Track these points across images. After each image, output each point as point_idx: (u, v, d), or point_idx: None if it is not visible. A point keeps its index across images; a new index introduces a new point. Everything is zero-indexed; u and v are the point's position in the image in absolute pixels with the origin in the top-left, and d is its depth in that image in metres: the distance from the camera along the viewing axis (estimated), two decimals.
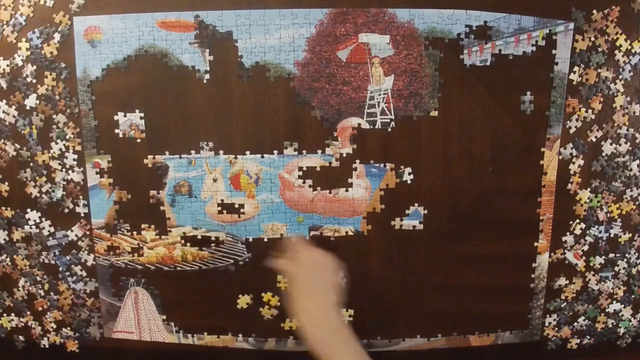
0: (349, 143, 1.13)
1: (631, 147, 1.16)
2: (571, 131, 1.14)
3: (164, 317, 1.21)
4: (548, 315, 1.23)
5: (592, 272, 1.22)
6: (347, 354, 0.91)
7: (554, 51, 1.10)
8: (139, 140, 1.13)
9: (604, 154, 1.16)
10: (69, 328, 1.24)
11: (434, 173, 1.14)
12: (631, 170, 1.17)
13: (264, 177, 1.14)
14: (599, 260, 1.21)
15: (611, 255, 1.22)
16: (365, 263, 1.18)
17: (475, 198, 1.16)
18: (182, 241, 1.17)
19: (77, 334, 1.24)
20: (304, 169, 1.13)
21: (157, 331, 1.22)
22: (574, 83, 1.12)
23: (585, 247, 1.20)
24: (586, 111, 1.14)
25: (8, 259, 1.21)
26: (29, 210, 1.18)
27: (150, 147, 1.13)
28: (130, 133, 1.13)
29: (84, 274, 1.20)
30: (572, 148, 1.15)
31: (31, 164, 1.15)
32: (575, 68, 1.11)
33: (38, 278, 1.22)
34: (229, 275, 1.18)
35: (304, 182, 1.14)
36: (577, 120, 1.14)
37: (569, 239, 1.19)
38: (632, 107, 1.15)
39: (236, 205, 1.15)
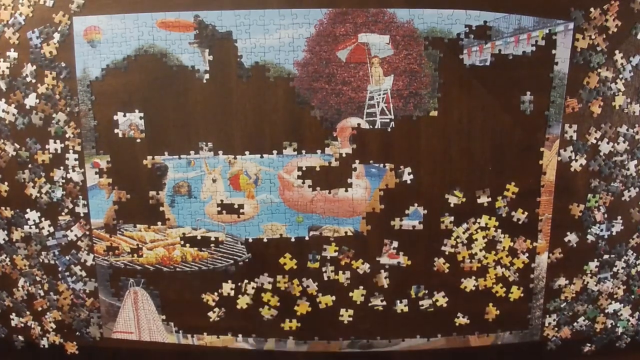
0: (349, 143, 1.12)
1: (629, 146, 1.16)
2: (570, 131, 1.14)
3: (164, 317, 1.21)
4: (548, 316, 1.23)
5: (591, 274, 1.22)
6: None
7: (553, 51, 1.10)
8: (138, 140, 1.13)
9: (601, 154, 1.16)
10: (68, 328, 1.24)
11: (434, 173, 1.14)
12: (628, 169, 1.17)
13: (264, 177, 1.14)
14: (598, 261, 1.21)
15: (611, 255, 1.21)
16: (365, 263, 1.18)
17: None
18: (182, 242, 1.17)
19: (77, 334, 1.24)
20: (304, 169, 1.13)
21: (157, 331, 1.22)
22: (574, 83, 1.11)
23: (586, 248, 1.20)
24: (586, 111, 1.13)
25: (8, 259, 1.21)
26: (28, 210, 1.18)
27: (149, 147, 1.13)
28: (130, 133, 1.13)
29: (84, 274, 1.20)
30: (571, 149, 1.15)
31: (29, 166, 1.15)
32: (576, 68, 1.11)
33: (38, 278, 1.21)
34: (229, 275, 1.18)
35: (303, 182, 1.14)
36: (576, 120, 1.13)
37: (568, 239, 1.19)
38: (631, 107, 1.15)
39: (235, 206, 1.15)
